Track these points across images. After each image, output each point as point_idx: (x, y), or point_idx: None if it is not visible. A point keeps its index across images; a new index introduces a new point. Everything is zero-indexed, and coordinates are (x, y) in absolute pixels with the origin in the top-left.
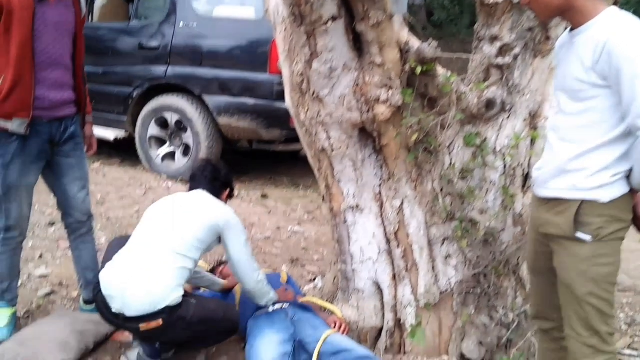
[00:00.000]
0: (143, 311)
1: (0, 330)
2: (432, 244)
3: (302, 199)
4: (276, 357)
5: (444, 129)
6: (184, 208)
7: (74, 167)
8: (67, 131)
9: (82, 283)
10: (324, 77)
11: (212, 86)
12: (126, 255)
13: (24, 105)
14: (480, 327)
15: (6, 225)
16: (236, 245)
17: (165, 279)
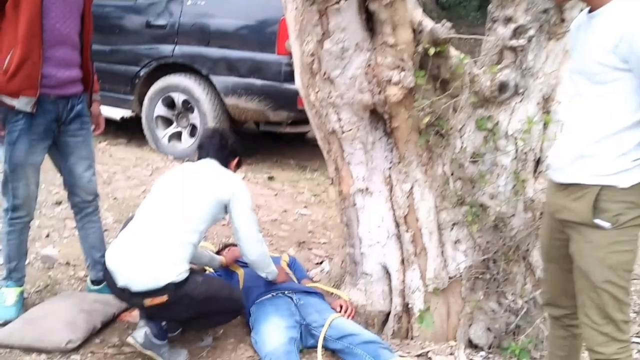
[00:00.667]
0: (148, 286)
1: (8, 309)
2: (442, 229)
3: (309, 181)
4: (283, 342)
5: (455, 112)
6: (191, 180)
7: (80, 146)
8: (73, 109)
9: (89, 263)
10: (335, 57)
11: (219, 66)
12: (131, 230)
13: (31, 83)
14: (488, 313)
15: (13, 204)
16: (242, 216)
17: (169, 254)
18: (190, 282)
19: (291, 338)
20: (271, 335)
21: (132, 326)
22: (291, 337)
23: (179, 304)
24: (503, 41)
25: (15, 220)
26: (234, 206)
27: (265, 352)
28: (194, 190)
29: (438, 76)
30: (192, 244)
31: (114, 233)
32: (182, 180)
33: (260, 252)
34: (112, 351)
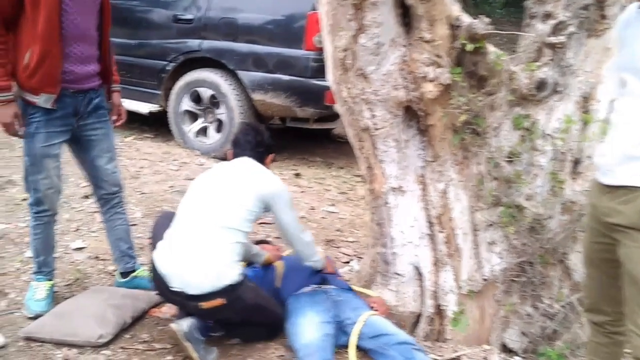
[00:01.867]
0: (204, 289)
1: (38, 303)
2: (477, 230)
3: (336, 179)
4: (317, 338)
5: (492, 110)
6: (232, 180)
7: (100, 139)
8: (91, 103)
9: (116, 255)
10: (370, 52)
11: (246, 61)
12: (179, 232)
13: (51, 81)
14: (523, 317)
15: (36, 198)
16: (285, 212)
17: (222, 256)
18: (244, 286)
19: (326, 334)
20: (306, 329)
21: (162, 322)
22: (326, 333)
23: (232, 306)
24: (542, 38)
25: (40, 214)
26: (276, 203)
27: (299, 344)
28: (237, 191)
29: (475, 73)
30: (241, 243)
31: (142, 228)
32: (223, 181)
33: (305, 242)
34: (142, 347)
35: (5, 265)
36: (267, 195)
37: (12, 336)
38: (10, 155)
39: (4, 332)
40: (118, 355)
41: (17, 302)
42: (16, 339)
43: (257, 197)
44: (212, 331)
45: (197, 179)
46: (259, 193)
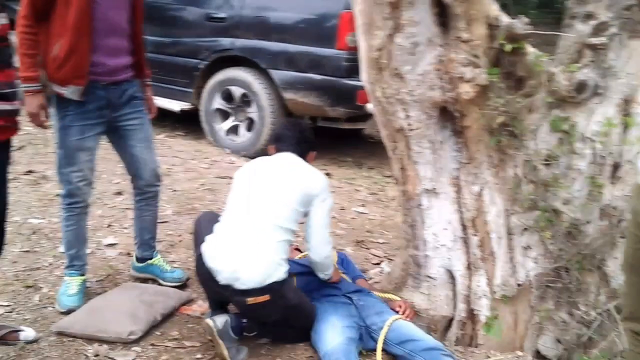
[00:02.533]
0: (252, 285)
1: (71, 298)
2: (512, 234)
3: (366, 179)
4: (341, 343)
5: (530, 112)
6: (280, 177)
7: (137, 129)
8: (125, 94)
9: (138, 241)
10: (406, 52)
11: (278, 60)
12: (230, 227)
13: (79, 73)
14: (559, 324)
15: (68, 190)
16: (321, 214)
17: (272, 254)
18: (288, 285)
19: (350, 338)
20: (330, 335)
21: (191, 320)
22: (350, 338)
23: (275, 304)
24: (582, 38)
25: (72, 206)
26: (317, 203)
27: (324, 350)
28: (285, 188)
29: (513, 74)
30: (288, 241)
31: (173, 225)
32: (271, 177)
33: (327, 255)
34: (172, 344)
35: (39, 260)
36: (314, 191)
37: (44, 331)
38: (45, 151)
39: (37, 327)
40: (148, 352)
41: (50, 297)
42: (48, 334)
43: (303, 194)
44: (245, 330)
45: (242, 173)
46: (307, 189)
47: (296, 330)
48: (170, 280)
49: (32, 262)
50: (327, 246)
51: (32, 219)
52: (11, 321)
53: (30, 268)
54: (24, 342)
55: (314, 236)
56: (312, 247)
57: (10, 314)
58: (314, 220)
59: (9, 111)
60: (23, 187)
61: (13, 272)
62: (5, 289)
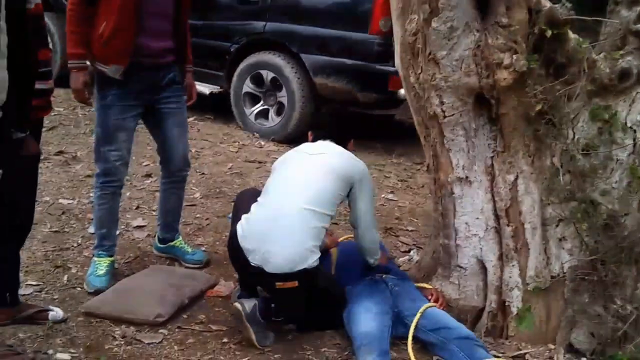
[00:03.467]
0: (282, 269)
1: (99, 279)
2: (546, 225)
3: (396, 166)
4: (375, 328)
5: (570, 100)
6: (320, 162)
7: (174, 113)
8: (166, 77)
9: (161, 222)
10: (442, 37)
11: (310, 44)
12: (265, 210)
13: (122, 53)
14: (593, 317)
15: (104, 168)
16: (365, 199)
17: (305, 239)
18: (319, 272)
19: (384, 325)
20: (363, 318)
21: (218, 304)
22: (384, 325)
23: (303, 291)
24: (627, 25)
25: (106, 184)
26: (359, 190)
27: (356, 333)
28: (325, 172)
29: (553, 61)
30: (324, 228)
31: (201, 208)
32: (311, 161)
33: (374, 240)
34: (199, 328)
35: (68, 240)
36: (355, 176)
37: (72, 311)
38: (75, 132)
39: (65, 307)
40: (175, 335)
41: (79, 277)
42: (76, 314)
43: (344, 179)
44: (274, 316)
45: (282, 159)
46: (347, 174)
47: (324, 317)
48: (191, 262)
49: (62, 242)
50: (374, 231)
51: (62, 199)
52: (40, 301)
53: (60, 248)
54: (53, 322)
55: (361, 222)
56: (360, 234)
57: (40, 293)
58: (358, 206)
59: (44, 90)
60: (53, 167)
61: (42, 252)
62: (34, 268)
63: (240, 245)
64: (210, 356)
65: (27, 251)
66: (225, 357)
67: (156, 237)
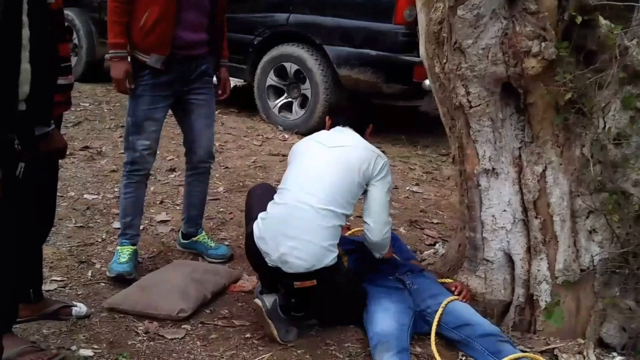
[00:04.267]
0: (300, 269)
1: (121, 265)
2: (576, 216)
3: (421, 158)
4: (393, 327)
5: (601, 88)
6: (337, 155)
7: (202, 104)
8: (197, 69)
9: (185, 217)
10: (468, 25)
11: (333, 35)
12: (281, 209)
13: (163, 43)
14: (624, 311)
15: (132, 157)
16: (380, 193)
17: (321, 238)
18: (338, 270)
19: (402, 324)
20: (381, 317)
21: (241, 299)
22: (402, 323)
23: (322, 289)
24: None
25: (133, 173)
26: (376, 182)
27: (373, 332)
28: (341, 167)
29: (583, 48)
30: (341, 226)
31: (224, 202)
32: (326, 155)
33: (386, 236)
34: (222, 323)
35: (93, 235)
36: (372, 170)
37: (96, 307)
38: (101, 127)
39: (89, 302)
40: (198, 330)
41: (103, 273)
42: (100, 310)
43: (363, 173)
44: (294, 311)
45: (297, 150)
46: (366, 169)
47: (346, 311)
48: (214, 257)
49: (86, 237)
50: (386, 227)
51: (87, 194)
52: (64, 296)
53: (84, 243)
54: (76, 318)
55: (373, 216)
56: (371, 227)
57: (64, 289)
58: (373, 200)
59: (64, 86)
60: (79, 162)
61: (67, 247)
62: (59, 264)
63: (256, 246)
64: (233, 352)
65: (52, 246)
66: (248, 352)
67: (180, 232)
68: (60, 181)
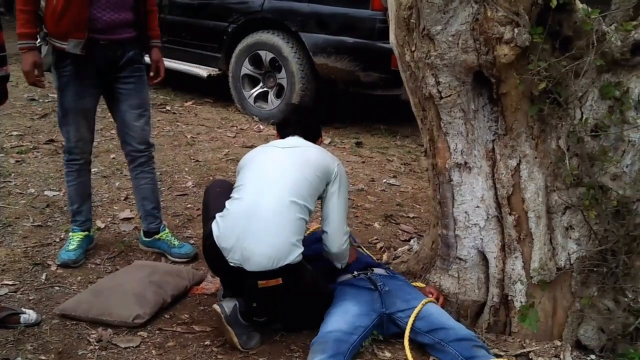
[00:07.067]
0: (264, 267)
1: (68, 253)
2: (552, 213)
3: (399, 148)
4: (340, 331)
5: (577, 76)
6: (295, 153)
7: (132, 93)
8: (124, 56)
9: (141, 213)
10: (437, 10)
11: (309, 22)
12: (241, 204)
13: (78, 26)
14: (602, 312)
15: (67, 147)
16: (337, 199)
17: (286, 233)
18: (303, 268)
19: (357, 326)
20: (335, 319)
21: (204, 302)
22: (357, 326)
23: (289, 289)
24: None
25: (71, 162)
26: (336, 186)
27: (320, 332)
28: (301, 162)
29: (559, 34)
30: (305, 221)
31: (193, 198)
32: (284, 153)
33: (344, 248)
34: (181, 329)
35: (50, 235)
36: (331, 171)
37: (48, 313)
38: None
39: (41, 308)
40: (154, 338)
41: (57, 275)
42: (51, 316)
43: (322, 171)
44: (256, 316)
45: (250, 156)
46: (324, 167)
47: (310, 314)
48: (177, 256)
49: (43, 237)
50: (344, 236)
51: (48, 191)
52: (15, 302)
53: (41, 244)
54: (24, 326)
55: (331, 224)
56: (329, 236)
57: (15, 293)
58: (330, 206)
59: None
60: (42, 157)
61: (22, 249)
62: (12, 266)
63: (217, 246)
64: None
65: (6, 247)
66: None
67: (141, 230)
68: (20, 177)
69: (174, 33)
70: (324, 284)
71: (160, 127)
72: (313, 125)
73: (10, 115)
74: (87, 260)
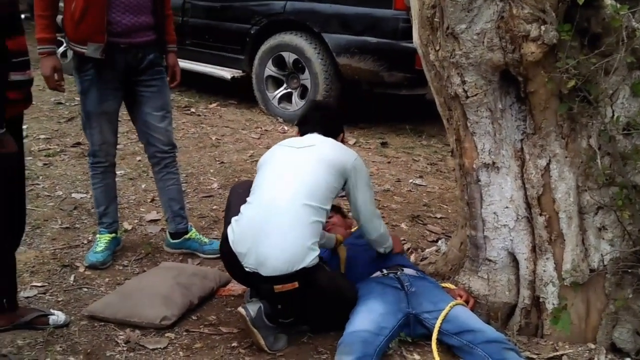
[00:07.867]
0: (279, 271)
1: (96, 255)
2: (584, 213)
3: (425, 148)
4: (367, 332)
5: (607, 74)
6: (310, 154)
7: (154, 96)
8: (145, 59)
9: (168, 215)
10: (461, 8)
11: (332, 23)
12: (255, 209)
13: (97, 30)
14: (638, 314)
15: (92, 150)
16: (361, 189)
17: (301, 236)
18: (320, 271)
19: (382, 327)
20: (361, 318)
21: (230, 303)
22: (382, 326)
23: (305, 292)
24: None
25: (96, 165)
26: (354, 181)
27: (346, 331)
28: (316, 164)
29: (587, 31)
30: (320, 223)
31: (218, 199)
32: (300, 154)
33: (382, 231)
34: (208, 330)
35: (78, 237)
36: (348, 166)
37: (76, 314)
38: None
39: (70, 309)
40: (181, 339)
41: (86, 277)
42: (80, 317)
43: (337, 169)
44: (281, 317)
45: (270, 152)
46: (339, 164)
47: (334, 315)
48: (210, 253)
49: (71, 239)
50: (378, 221)
51: (75, 193)
52: (44, 303)
53: (69, 246)
54: (53, 327)
55: (362, 214)
56: (363, 225)
57: (44, 295)
58: (356, 197)
59: (20, 82)
60: (69, 160)
61: (51, 250)
62: (41, 268)
63: (231, 250)
64: None
65: (35, 249)
66: None
67: (167, 233)
68: (48, 180)
69: (197, 36)
70: (346, 285)
71: (185, 129)
72: (333, 122)
73: (38, 119)
74: (114, 262)
